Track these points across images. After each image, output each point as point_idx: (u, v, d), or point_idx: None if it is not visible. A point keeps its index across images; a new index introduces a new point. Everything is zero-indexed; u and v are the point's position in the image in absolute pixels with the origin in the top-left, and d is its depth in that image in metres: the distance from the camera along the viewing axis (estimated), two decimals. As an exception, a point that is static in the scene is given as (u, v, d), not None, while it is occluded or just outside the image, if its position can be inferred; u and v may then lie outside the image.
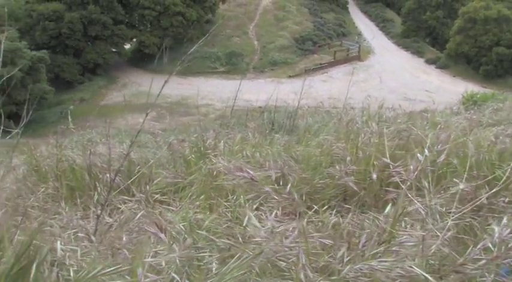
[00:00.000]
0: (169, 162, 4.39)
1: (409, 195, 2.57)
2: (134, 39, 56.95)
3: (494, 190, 2.82)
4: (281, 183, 3.37)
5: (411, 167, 2.82)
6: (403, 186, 2.62)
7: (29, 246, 1.49)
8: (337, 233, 2.43)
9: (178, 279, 1.91)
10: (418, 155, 2.96)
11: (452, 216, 2.42)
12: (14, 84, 39.31)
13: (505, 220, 2.24)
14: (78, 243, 2.09)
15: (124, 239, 2.16)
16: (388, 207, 2.49)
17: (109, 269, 1.79)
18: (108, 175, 3.75)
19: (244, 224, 2.33)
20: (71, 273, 1.85)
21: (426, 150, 2.94)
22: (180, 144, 4.62)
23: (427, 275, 1.97)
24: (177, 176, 3.88)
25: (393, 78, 51.59)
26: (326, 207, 3.02)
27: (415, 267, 1.99)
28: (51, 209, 3.26)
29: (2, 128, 3.96)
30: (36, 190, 4.09)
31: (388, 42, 64.45)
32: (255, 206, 2.78)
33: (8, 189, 3.93)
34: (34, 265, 1.58)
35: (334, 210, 2.92)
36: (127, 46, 57.49)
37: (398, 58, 58.86)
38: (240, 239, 2.25)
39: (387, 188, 3.42)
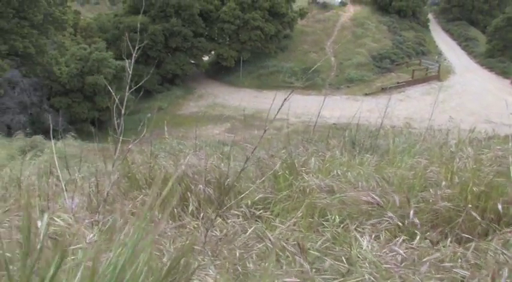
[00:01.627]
0: (259, 177, 4.42)
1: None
2: (212, 52, 58.24)
3: None
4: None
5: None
6: None
7: (179, 262, 1.52)
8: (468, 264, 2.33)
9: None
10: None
11: None
12: (98, 92, 41.30)
13: None
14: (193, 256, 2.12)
15: (237, 254, 2.18)
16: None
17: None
18: (200, 186, 3.82)
19: (353, 247, 2.30)
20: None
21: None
22: (270, 159, 4.64)
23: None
24: (268, 191, 3.90)
25: (474, 100, 49.63)
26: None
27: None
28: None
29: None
30: (130, 196, 4.24)
31: (471, 62, 62.12)
32: (353, 227, 2.75)
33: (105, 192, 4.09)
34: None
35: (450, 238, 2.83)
36: (205, 58, 58.86)
37: (480, 78, 56.57)
38: (346, 261, 2.22)
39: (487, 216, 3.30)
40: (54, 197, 4.78)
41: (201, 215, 3.17)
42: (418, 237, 2.65)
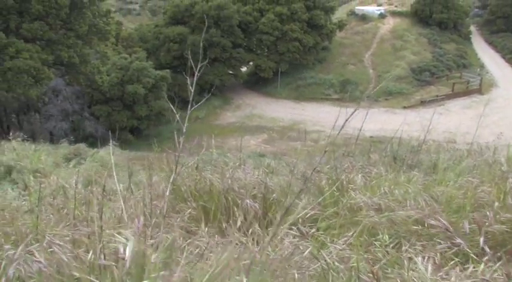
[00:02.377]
0: (303, 192, 4.39)
1: None
2: (251, 63, 58.58)
3: None
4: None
5: None
6: None
7: None
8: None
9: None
10: None
11: None
12: (137, 100, 41.98)
13: None
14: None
15: (296, 275, 2.17)
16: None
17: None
18: (247, 201, 3.82)
19: (407, 269, 2.25)
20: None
21: None
22: (316, 175, 4.60)
23: None
24: (314, 207, 3.87)
25: (518, 114, 48.36)
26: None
27: None
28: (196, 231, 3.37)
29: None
30: (177, 209, 4.26)
31: (515, 75, 60.63)
32: (405, 247, 2.70)
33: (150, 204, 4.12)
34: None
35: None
36: (243, 69, 59.24)
37: (525, 92, 55.12)
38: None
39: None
40: (103, 207, 4.86)
41: (249, 231, 3.16)
42: (482, 265, 2.57)
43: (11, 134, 10.73)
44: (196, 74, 4.17)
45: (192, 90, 4.05)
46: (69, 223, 3.58)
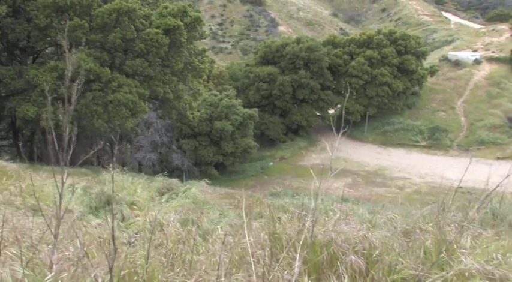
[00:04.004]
0: (406, 250, 4.26)
1: None
2: (338, 105, 58.49)
3: None
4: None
5: None
6: None
7: None
8: None
9: None
10: None
11: None
12: (224, 137, 42.90)
13: None
14: None
15: None
16: None
17: None
18: (352, 257, 3.75)
19: None
20: None
21: None
22: (420, 232, 4.45)
23: None
24: (418, 268, 3.73)
25: None
26: None
27: None
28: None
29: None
30: (276, 258, 4.24)
31: None
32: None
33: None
34: None
35: None
36: (331, 111, 59.22)
37: None
38: None
39: None
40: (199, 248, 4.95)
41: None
42: None
43: (110, 165, 11.26)
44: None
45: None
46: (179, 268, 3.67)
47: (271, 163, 49.15)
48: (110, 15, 28.47)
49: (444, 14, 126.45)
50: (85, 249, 3.66)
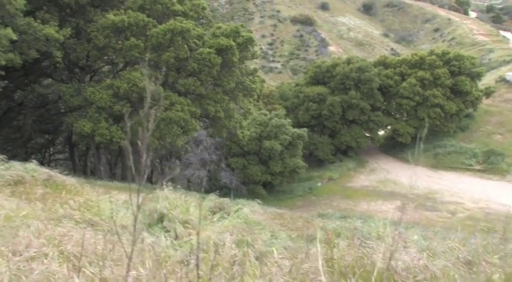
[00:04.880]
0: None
1: None
2: (389, 127, 57.74)
3: None
4: None
5: None
6: None
7: None
8: None
9: None
10: None
11: None
12: (273, 156, 43.00)
13: None
14: None
15: None
16: None
17: None
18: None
19: None
20: None
21: None
22: (486, 265, 4.34)
23: None
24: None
25: None
26: None
27: None
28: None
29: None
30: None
31: None
32: None
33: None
34: None
35: None
36: (380, 132, 58.50)
37: None
38: None
39: None
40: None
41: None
42: None
43: (164, 182, 11.51)
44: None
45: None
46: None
47: (320, 184, 48.82)
48: (165, 35, 29.35)
49: (502, 33, 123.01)
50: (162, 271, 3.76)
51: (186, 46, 29.77)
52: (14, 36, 23.10)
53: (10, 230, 6.60)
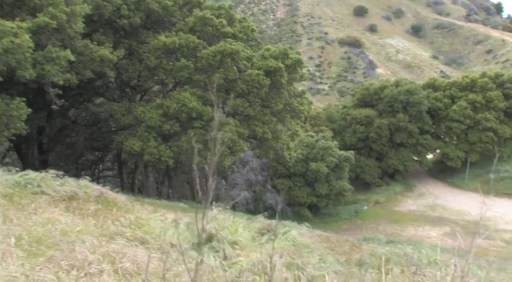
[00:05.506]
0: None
1: None
2: (438, 150, 56.58)
3: None
4: None
5: None
6: None
7: None
8: None
9: None
10: None
11: None
12: (319, 178, 42.71)
13: None
14: None
15: None
16: None
17: None
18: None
19: None
20: None
21: None
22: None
23: None
24: None
25: None
26: None
27: None
28: None
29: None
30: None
31: None
32: None
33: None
34: None
35: None
36: (429, 156, 57.32)
37: None
38: None
39: None
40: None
41: None
42: None
43: (214, 203, 11.58)
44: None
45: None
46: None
47: (366, 207, 48.09)
48: (215, 56, 29.82)
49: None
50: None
51: (235, 67, 30.16)
52: (72, 58, 23.98)
53: (67, 245, 6.80)
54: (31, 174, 12.46)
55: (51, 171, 12.67)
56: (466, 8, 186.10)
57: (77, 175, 17.32)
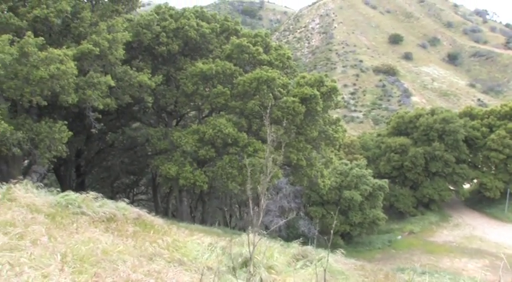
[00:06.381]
0: None
1: None
2: (475, 180, 55.49)
3: None
4: None
5: None
6: None
7: None
8: None
9: None
10: None
11: None
12: (352, 207, 42.35)
13: None
14: None
15: None
16: None
17: None
18: None
19: None
20: None
21: None
22: None
23: None
24: None
25: None
26: None
27: None
28: None
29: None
30: None
31: None
32: None
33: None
34: None
35: None
36: (466, 186, 56.22)
37: None
38: None
39: None
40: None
41: None
42: None
43: (249, 228, 11.69)
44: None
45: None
46: None
47: (400, 237, 47.30)
48: (251, 83, 30.23)
49: None
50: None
51: (271, 94, 30.47)
52: (113, 83, 24.69)
53: (109, 264, 7.02)
54: (72, 195, 12.88)
55: (91, 192, 13.07)
56: (505, 35, 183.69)
57: (112, 198, 17.66)
